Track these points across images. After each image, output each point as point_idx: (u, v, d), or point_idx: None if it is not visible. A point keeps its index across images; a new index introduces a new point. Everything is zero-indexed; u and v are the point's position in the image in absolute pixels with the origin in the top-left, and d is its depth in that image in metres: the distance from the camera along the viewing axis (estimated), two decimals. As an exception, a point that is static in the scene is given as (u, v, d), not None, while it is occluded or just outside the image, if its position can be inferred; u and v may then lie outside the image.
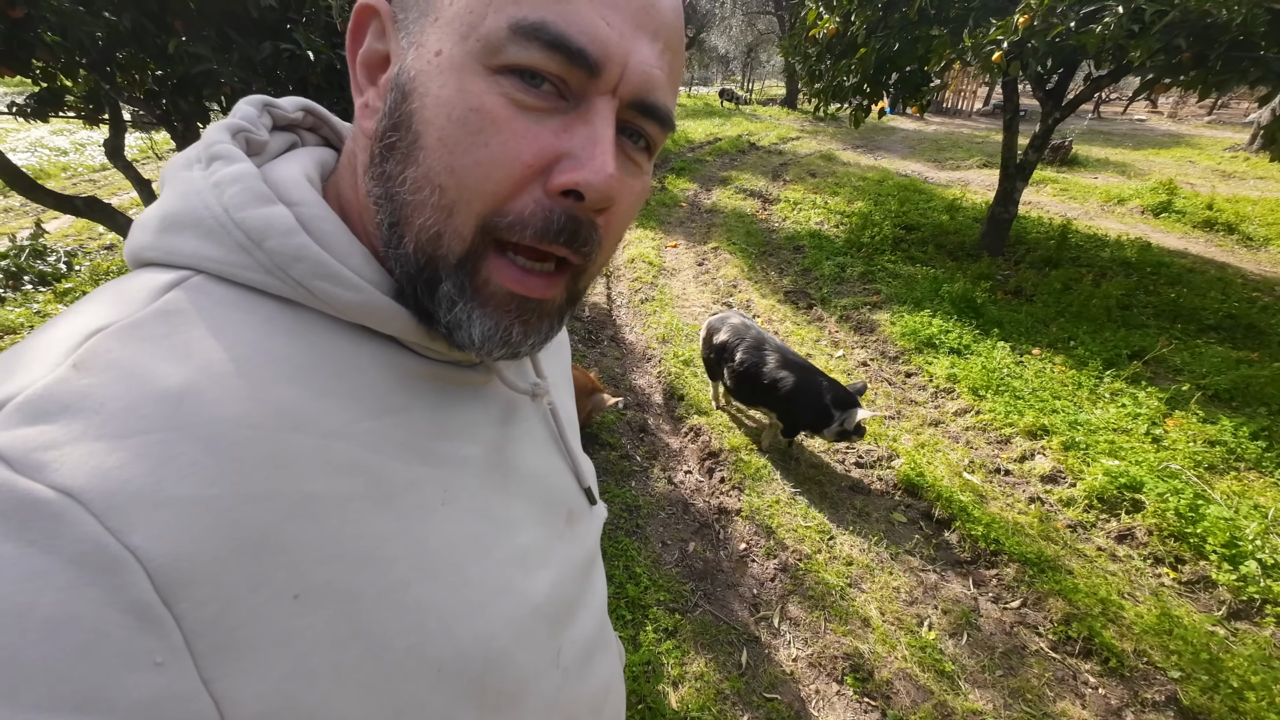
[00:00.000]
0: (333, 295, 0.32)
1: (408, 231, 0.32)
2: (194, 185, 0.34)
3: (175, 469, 0.25)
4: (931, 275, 4.80)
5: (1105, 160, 10.31)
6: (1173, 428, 3.00)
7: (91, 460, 0.24)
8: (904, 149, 11.37)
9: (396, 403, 0.35)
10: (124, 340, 0.28)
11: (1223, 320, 4.21)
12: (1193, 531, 2.36)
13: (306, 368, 0.32)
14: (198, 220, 0.33)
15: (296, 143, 0.42)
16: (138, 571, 0.23)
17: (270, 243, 0.32)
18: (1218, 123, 16.00)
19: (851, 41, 4.66)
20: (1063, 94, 4.75)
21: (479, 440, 0.39)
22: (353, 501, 0.31)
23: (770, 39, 19.88)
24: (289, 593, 0.27)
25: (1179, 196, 7.29)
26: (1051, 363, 3.62)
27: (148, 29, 2.93)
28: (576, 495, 0.49)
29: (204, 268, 0.32)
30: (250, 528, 0.26)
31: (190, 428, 0.26)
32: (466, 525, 0.36)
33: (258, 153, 0.38)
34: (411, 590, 0.32)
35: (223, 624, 0.25)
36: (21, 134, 8.88)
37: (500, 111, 0.30)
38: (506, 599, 0.37)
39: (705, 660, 1.87)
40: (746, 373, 2.62)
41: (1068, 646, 1.98)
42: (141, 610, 0.23)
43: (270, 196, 0.33)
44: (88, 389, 0.26)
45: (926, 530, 2.43)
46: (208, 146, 0.35)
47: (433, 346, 0.36)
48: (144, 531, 0.24)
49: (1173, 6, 3.00)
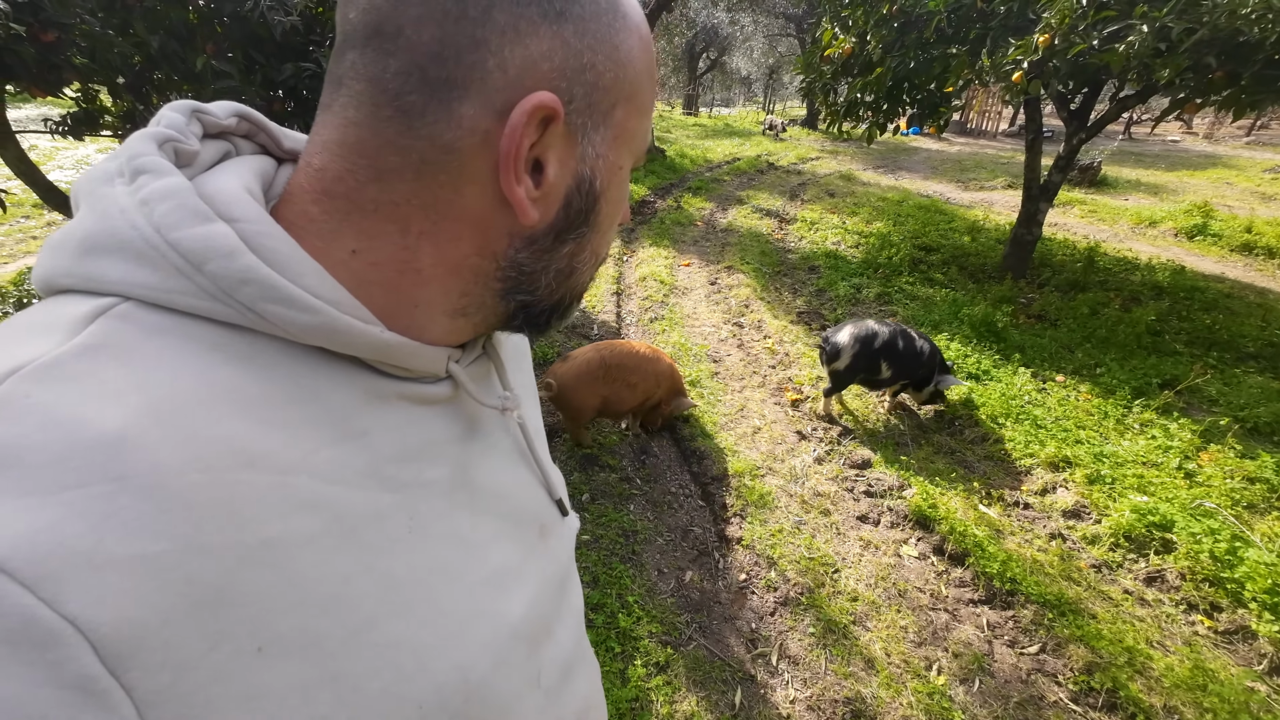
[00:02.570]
0: (286, 319, 0.30)
1: (567, 289, 0.40)
2: (118, 203, 0.30)
3: (116, 525, 0.23)
4: (951, 298, 4.67)
5: (1136, 181, 10.04)
6: (1207, 462, 2.82)
7: (14, 523, 0.22)
8: (926, 169, 11.24)
9: (357, 427, 0.33)
10: (43, 381, 0.25)
11: (1263, 349, 4.00)
12: (1230, 576, 2.19)
13: (258, 398, 0.29)
14: (124, 242, 0.29)
15: (231, 152, 0.39)
16: (79, 643, 0.21)
17: (211, 265, 0.29)
18: (1256, 143, 15.50)
19: (867, 61, 4.63)
20: (1088, 114, 4.63)
21: (443, 460, 0.38)
22: (314, 541, 0.29)
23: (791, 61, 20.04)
24: (251, 647, 0.26)
25: (1215, 219, 7.03)
26: (1076, 391, 3.47)
27: (177, 52, 3.05)
28: (548, 508, 0.48)
29: (133, 294, 0.29)
30: (204, 583, 0.25)
31: (130, 478, 0.24)
32: (435, 552, 0.35)
33: (188, 164, 0.35)
34: (382, 628, 0.30)
35: (179, 690, 0.24)
36: (68, 153, 9.34)
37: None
38: (482, 624, 0.36)
39: (697, 699, 1.78)
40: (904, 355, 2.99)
41: (1090, 699, 1.83)
42: (85, 685, 0.21)
43: (207, 213, 0.30)
44: (4, 440, 0.23)
45: (938, 566, 2.31)
46: (131, 159, 0.32)
47: (395, 364, 0.35)
48: (83, 598, 0.22)
49: (1201, 24, 2.89)
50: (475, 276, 0.36)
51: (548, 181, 0.35)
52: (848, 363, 2.98)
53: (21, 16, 2.29)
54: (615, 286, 4.93)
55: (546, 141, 0.33)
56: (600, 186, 0.37)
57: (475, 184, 0.33)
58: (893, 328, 3.03)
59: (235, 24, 3.15)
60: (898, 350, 2.98)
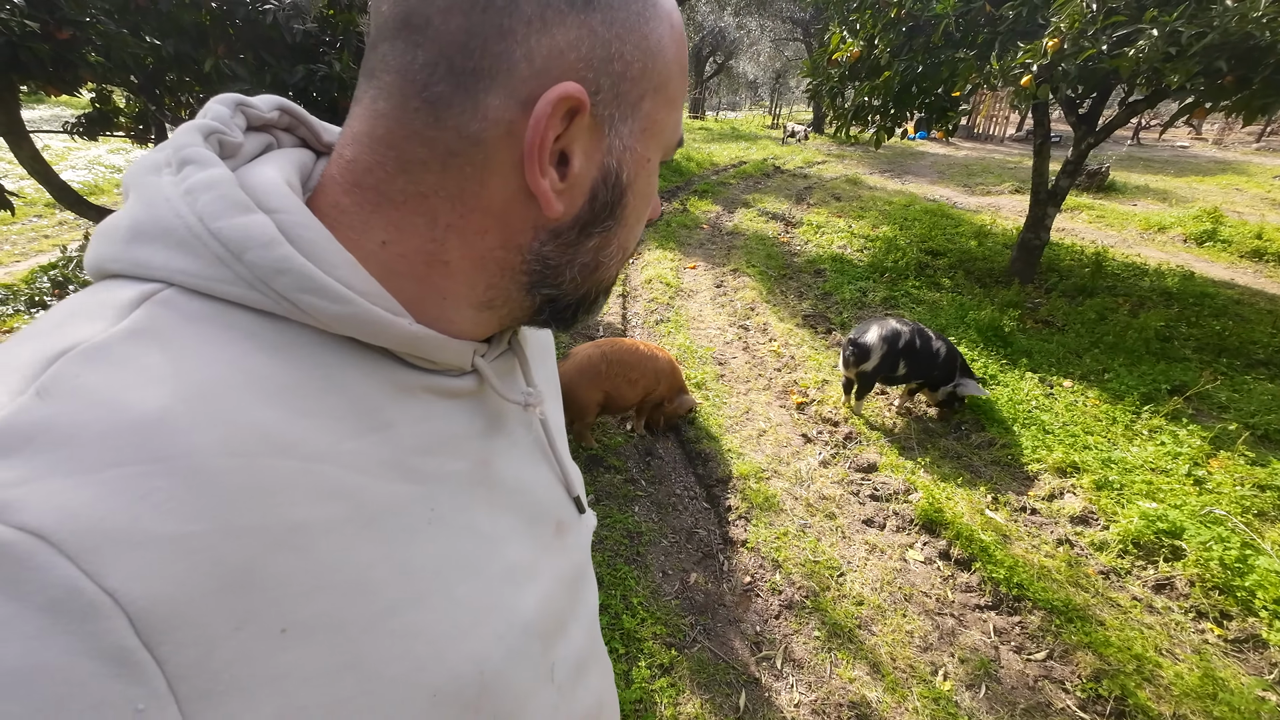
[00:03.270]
0: (319, 309, 0.31)
1: (590, 282, 0.39)
2: (164, 192, 0.31)
3: (152, 505, 0.24)
4: (958, 302, 4.65)
5: (1145, 187, 9.98)
6: (1217, 469, 2.80)
7: (61, 498, 0.22)
8: (933, 174, 11.21)
9: (382, 419, 0.33)
10: (91, 363, 0.26)
11: (1273, 355, 3.96)
12: (1240, 584, 2.17)
13: (290, 387, 0.30)
14: (168, 230, 0.30)
15: (272, 144, 0.40)
16: (117, 616, 0.22)
17: (250, 255, 0.30)
18: (1266, 149, 15.39)
19: (875, 65, 4.63)
20: (1096, 119, 4.61)
21: (464, 454, 0.38)
22: (338, 527, 0.29)
23: (797, 65, 20.06)
24: (275, 628, 0.26)
25: (1225, 225, 6.99)
26: (1084, 396, 3.44)
27: (190, 54, 3.08)
28: (565, 505, 0.48)
29: (176, 280, 0.30)
30: (234, 564, 0.25)
31: (168, 459, 0.25)
32: (454, 544, 0.35)
33: (231, 155, 0.36)
34: (400, 616, 0.31)
35: (207, 666, 0.24)
36: (81, 152, 9.43)
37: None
38: (497, 617, 0.36)
39: (701, 701, 1.77)
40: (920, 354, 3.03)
41: (1098, 706, 1.82)
42: (121, 656, 0.22)
43: (248, 204, 0.31)
44: (54, 418, 0.24)
45: (945, 570, 2.29)
46: (178, 150, 0.33)
47: (422, 355, 0.35)
48: (122, 573, 0.22)
49: (1212, 28, 2.88)
50: (501, 269, 0.36)
51: (573, 174, 0.34)
52: (876, 363, 2.99)
53: (36, 12, 2.31)
54: (621, 288, 4.93)
55: (572, 134, 0.33)
56: (627, 180, 0.37)
57: (500, 176, 0.33)
58: (912, 327, 3.07)
59: (247, 27, 3.19)
60: (915, 349, 3.00)
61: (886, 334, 2.97)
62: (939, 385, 3.11)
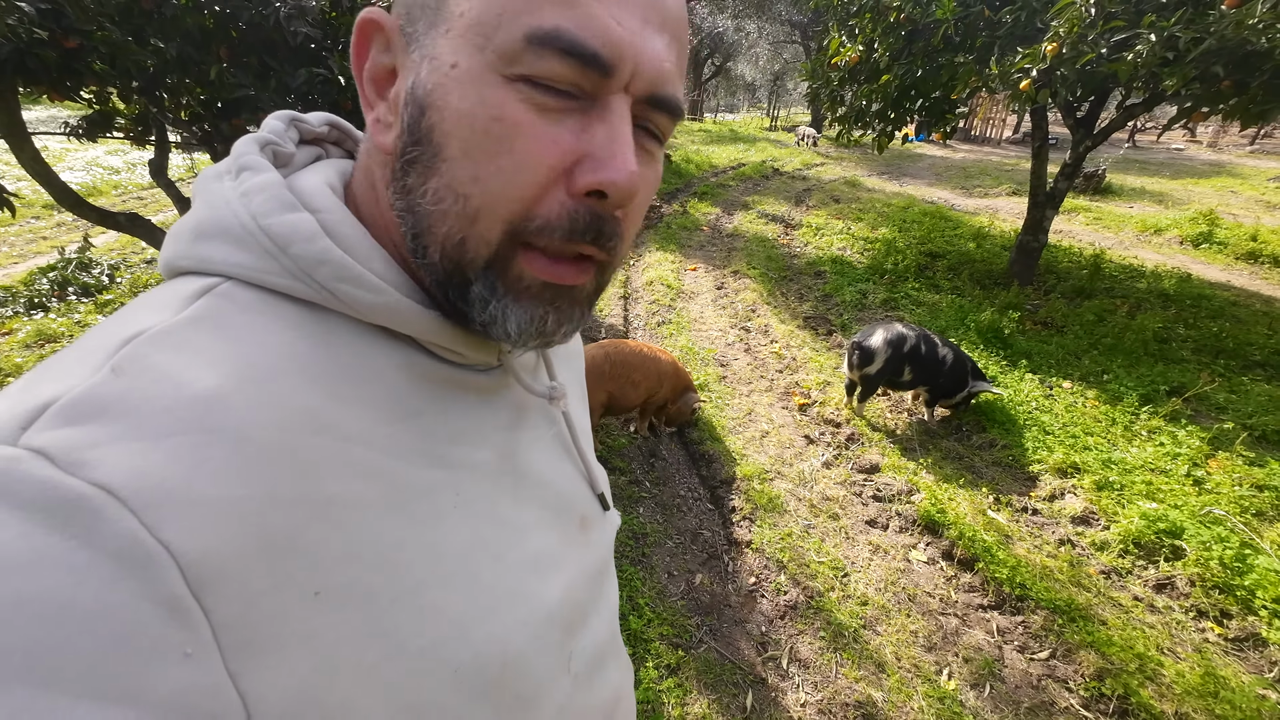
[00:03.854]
0: (355, 297, 0.33)
1: (431, 241, 0.33)
2: (223, 195, 0.35)
3: (206, 470, 0.26)
4: (957, 304, 4.68)
5: (1141, 189, 10.04)
6: (1216, 470, 2.83)
7: (129, 459, 0.25)
8: (930, 176, 11.26)
9: (412, 407, 0.35)
10: (159, 345, 0.29)
11: (1270, 357, 4.00)
12: (1240, 584, 2.19)
13: (329, 372, 0.32)
14: (226, 228, 0.34)
15: (322, 155, 0.44)
16: (170, 566, 0.24)
17: (295, 248, 0.33)
18: (1260, 152, 15.50)
19: (874, 68, 4.66)
20: (1094, 122, 4.65)
21: (489, 445, 0.39)
22: (370, 505, 0.31)
23: (796, 67, 20.12)
24: (310, 591, 0.28)
25: (1220, 227, 7.03)
26: (1083, 397, 3.47)
27: (192, 57, 3.08)
28: (589, 501, 0.49)
29: (233, 274, 0.33)
30: (275, 528, 0.27)
31: (220, 430, 0.27)
32: (478, 529, 0.37)
33: (285, 164, 0.40)
34: (426, 593, 0.32)
35: (248, 620, 0.26)
36: (79, 153, 9.41)
37: (522, 117, 0.31)
38: (520, 603, 0.37)
39: (708, 701, 1.78)
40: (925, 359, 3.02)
41: (1101, 705, 1.84)
42: (174, 603, 0.24)
43: (295, 204, 0.34)
44: (126, 391, 0.27)
45: (948, 571, 2.31)
46: (237, 158, 0.37)
47: (451, 349, 0.37)
48: (176, 528, 0.25)
49: (1209, 34, 2.91)
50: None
51: (390, 98, 0.34)
52: (880, 366, 2.99)
53: (45, 22, 2.32)
54: (623, 290, 4.95)
55: (380, 59, 0.35)
56: (425, 92, 0.32)
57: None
58: (918, 332, 3.06)
59: (250, 30, 3.19)
60: (920, 355, 3.00)
61: (892, 338, 2.98)
62: (952, 393, 3.11)
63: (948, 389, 3.10)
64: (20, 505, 0.23)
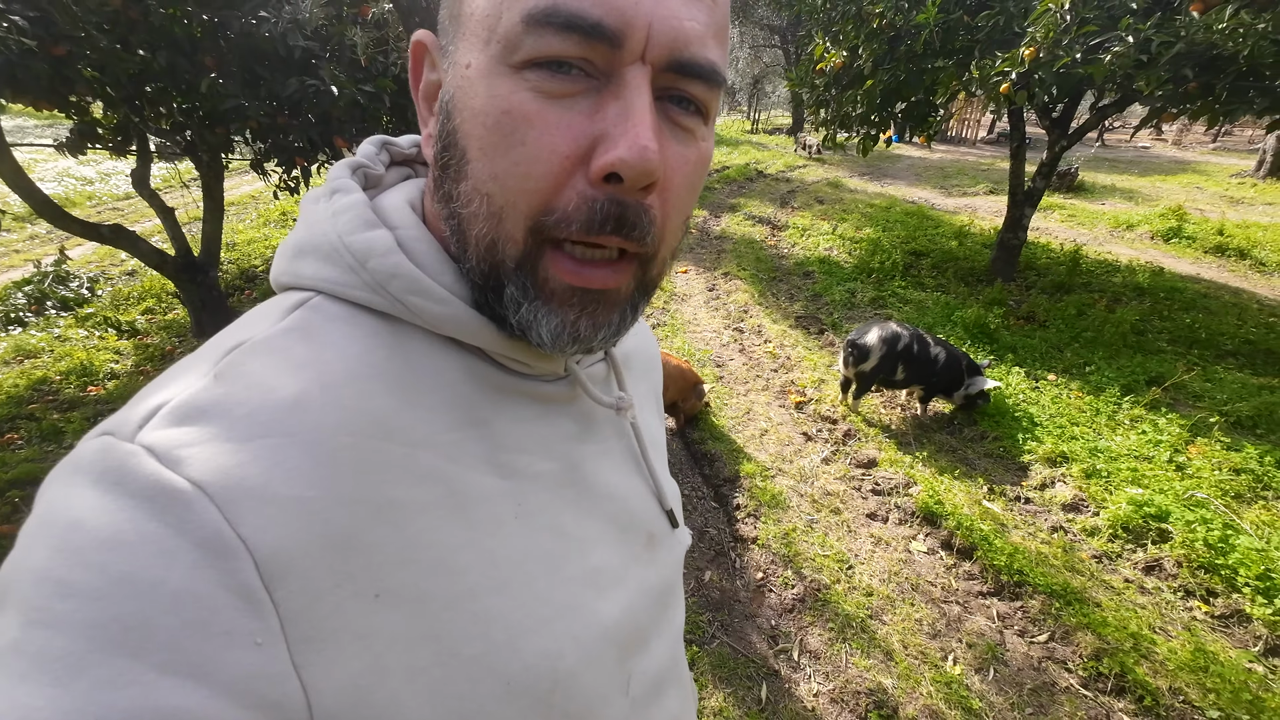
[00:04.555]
0: (424, 309, 0.35)
1: (468, 245, 0.33)
2: (318, 215, 0.38)
3: (282, 471, 0.28)
4: (943, 301, 4.79)
5: (1112, 187, 10.35)
6: (1196, 455, 2.94)
7: (218, 459, 0.27)
8: (910, 176, 11.49)
9: (479, 416, 0.36)
10: (255, 354, 0.31)
11: (1240, 346, 4.16)
12: (1224, 563, 2.29)
13: (401, 380, 0.34)
14: (318, 246, 0.36)
15: (411, 175, 0.45)
16: (246, 558, 0.26)
17: (372, 262, 0.34)
18: (1222, 149, 16.07)
19: (858, 74, 4.76)
20: (1069, 122, 4.81)
21: (554, 456, 0.39)
22: (430, 509, 0.32)
23: (776, 71, 20.37)
24: (369, 592, 0.29)
25: (1189, 222, 7.29)
26: (1068, 389, 3.58)
27: (180, 66, 3.05)
28: (658, 518, 0.47)
29: (323, 288, 0.35)
30: (339, 528, 0.29)
31: (297, 434, 0.29)
32: (537, 540, 0.37)
33: (375, 185, 0.42)
34: (480, 600, 0.32)
35: (311, 615, 0.27)
36: (50, 164, 9.17)
37: (530, 107, 0.30)
38: (574, 618, 0.37)
39: (724, 695, 1.82)
40: (917, 358, 3.10)
41: (1099, 683, 1.91)
42: (248, 593, 0.26)
43: (375, 221, 0.36)
44: (222, 397, 0.29)
45: (947, 560, 2.38)
46: (330, 182, 0.39)
47: (518, 359, 0.38)
48: (253, 523, 0.26)
49: (1179, 38, 3.04)
50: None
51: (435, 112, 0.36)
52: (875, 364, 3.07)
53: (35, 30, 2.29)
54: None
55: (430, 77, 0.37)
56: (450, 97, 0.33)
57: None
58: (912, 332, 3.14)
59: (240, 39, 3.17)
60: (913, 354, 3.08)
61: (886, 336, 3.06)
62: (949, 391, 3.18)
63: (942, 387, 3.17)
64: (131, 494, 0.25)
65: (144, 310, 4.62)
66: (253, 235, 6.40)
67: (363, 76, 3.38)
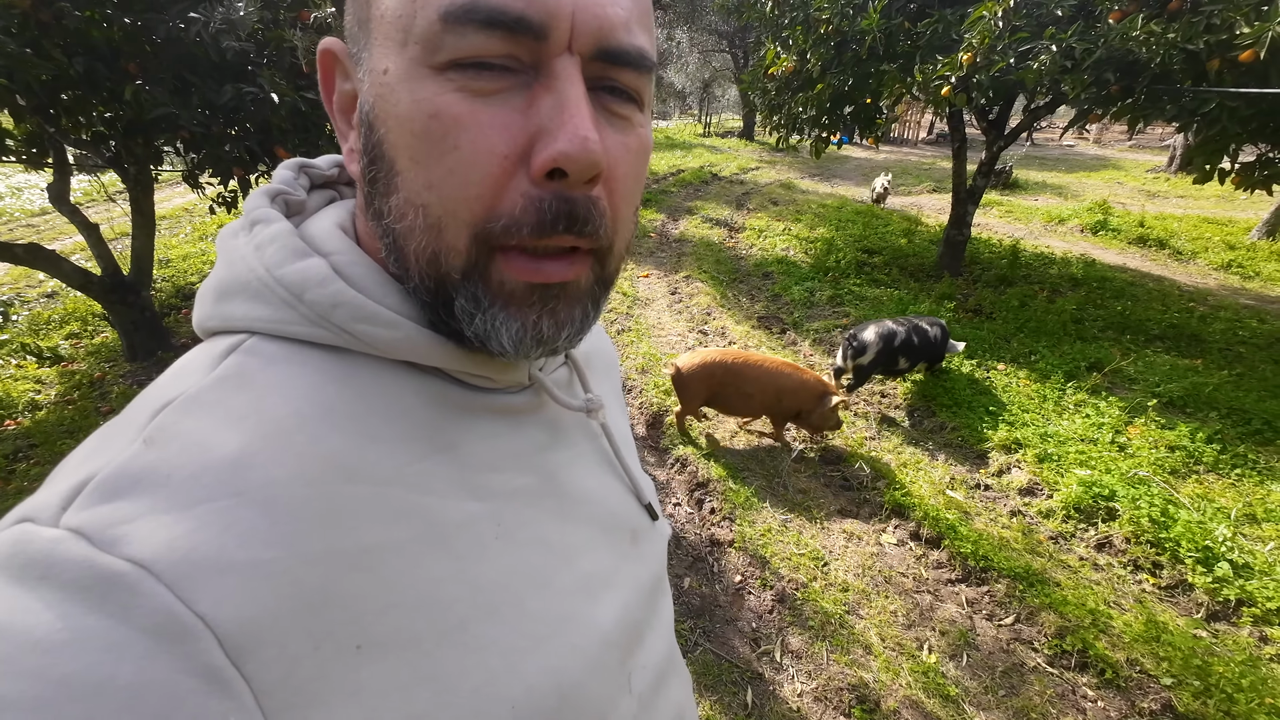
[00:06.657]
0: (374, 336, 0.33)
1: (408, 261, 0.31)
2: (239, 251, 0.35)
3: (235, 535, 0.26)
4: (897, 297, 4.96)
5: (1043, 183, 10.99)
6: (1135, 436, 3.13)
7: (160, 532, 0.25)
8: (858, 176, 11.87)
9: (445, 440, 0.34)
10: (187, 412, 0.29)
11: (1166, 330, 4.47)
12: (1167, 537, 2.44)
13: (357, 416, 0.32)
14: (245, 284, 0.33)
15: (335, 198, 0.42)
16: (207, 637, 0.24)
17: (310, 294, 0.32)
18: (1138, 146, 17.32)
19: (808, 78, 4.88)
20: (1004, 124, 5.06)
21: (528, 469, 0.38)
22: (407, 547, 0.30)
23: (725, 75, 20.73)
24: (351, 645, 0.27)
25: (1113, 215, 7.80)
26: (1016, 377, 3.76)
27: (99, 72, 2.85)
28: (638, 514, 0.47)
29: (256, 328, 0.33)
30: (309, 586, 0.27)
31: (247, 492, 0.27)
32: (522, 558, 0.35)
33: (298, 212, 0.39)
34: (471, 629, 0.31)
35: (290, 683, 0.25)
36: (-48, 179, 8.43)
37: (459, 108, 0.28)
38: (572, 628, 0.36)
39: (710, 702, 1.81)
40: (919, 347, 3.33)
41: (1064, 660, 1.99)
42: (213, 674, 0.24)
43: (305, 250, 0.34)
44: (157, 462, 0.26)
45: (917, 550, 2.44)
46: (248, 213, 0.36)
47: (479, 373, 0.36)
48: (210, 598, 0.24)
49: (1099, 45, 3.25)
50: None
51: (355, 125, 0.34)
52: (872, 358, 3.26)
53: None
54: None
55: (344, 88, 0.35)
56: (369, 107, 0.31)
57: None
58: (907, 325, 3.36)
59: (167, 44, 2.98)
60: (914, 345, 3.32)
61: (883, 333, 3.29)
62: (938, 360, 3.51)
63: (940, 358, 3.50)
64: (61, 586, 0.23)
65: (67, 335, 4.29)
66: (188, 250, 6.04)
67: (305, 83, 3.22)
